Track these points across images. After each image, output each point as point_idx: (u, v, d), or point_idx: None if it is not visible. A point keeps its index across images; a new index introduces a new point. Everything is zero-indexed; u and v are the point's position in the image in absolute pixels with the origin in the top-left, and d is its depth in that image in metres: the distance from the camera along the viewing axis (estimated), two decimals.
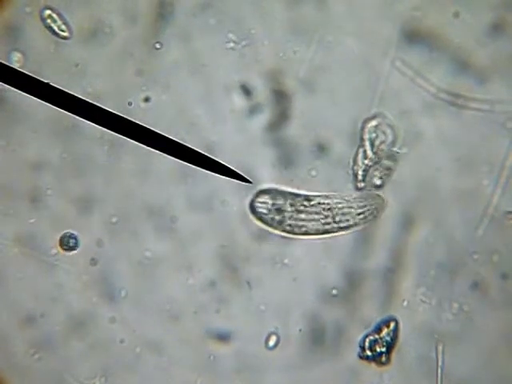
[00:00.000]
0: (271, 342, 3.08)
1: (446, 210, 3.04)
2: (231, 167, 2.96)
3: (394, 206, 3.04)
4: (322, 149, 3.04)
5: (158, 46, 3.00)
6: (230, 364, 3.08)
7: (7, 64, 2.93)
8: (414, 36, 3.00)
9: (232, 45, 3.02)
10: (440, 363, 3.03)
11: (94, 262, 3.05)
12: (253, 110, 3.04)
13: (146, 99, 3.02)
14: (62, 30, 2.98)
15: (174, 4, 3.01)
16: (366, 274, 3.06)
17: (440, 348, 3.03)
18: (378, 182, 3.03)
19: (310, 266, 3.07)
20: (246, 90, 3.03)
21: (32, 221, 3.04)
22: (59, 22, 2.96)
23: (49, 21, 2.96)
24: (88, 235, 3.05)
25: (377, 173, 3.02)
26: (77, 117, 2.91)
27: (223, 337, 3.07)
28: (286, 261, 3.06)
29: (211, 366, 3.08)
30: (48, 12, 2.97)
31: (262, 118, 3.04)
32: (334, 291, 3.06)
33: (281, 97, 3.03)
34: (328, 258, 3.07)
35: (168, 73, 3.02)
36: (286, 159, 3.04)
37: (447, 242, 3.04)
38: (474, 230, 3.03)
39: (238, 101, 3.04)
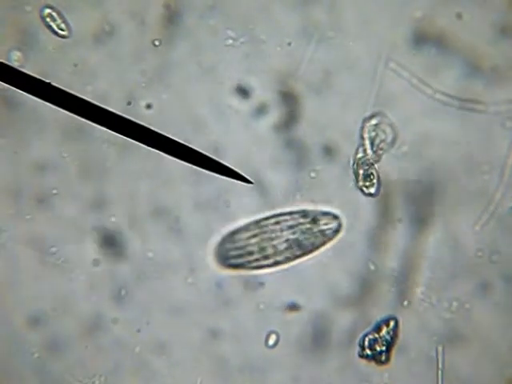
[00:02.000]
0: (271, 341, 3.08)
1: (448, 209, 3.05)
2: (233, 168, 2.96)
3: (397, 206, 3.05)
4: (325, 149, 3.04)
5: (157, 42, 2.99)
6: (232, 363, 3.09)
7: (8, 64, 2.91)
8: (417, 38, 3.00)
9: (231, 41, 3.00)
10: (440, 365, 3.05)
11: (96, 262, 3.05)
12: (253, 108, 3.04)
13: (148, 100, 3.01)
14: (62, 29, 2.96)
15: (174, 3, 3.00)
16: (369, 274, 3.07)
17: (440, 349, 3.05)
18: (372, 191, 3.04)
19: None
20: (243, 91, 3.02)
21: (28, 217, 3.03)
22: (59, 21, 2.94)
23: (48, 19, 2.94)
24: (91, 236, 3.05)
25: (365, 184, 3.03)
26: (80, 117, 2.90)
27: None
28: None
29: (212, 364, 3.09)
30: (48, 11, 2.95)
31: (264, 117, 3.04)
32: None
33: (284, 96, 3.03)
34: (333, 258, 3.08)
35: (169, 71, 3.01)
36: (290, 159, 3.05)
37: (450, 241, 3.05)
38: (477, 229, 3.03)
39: (238, 100, 3.03)
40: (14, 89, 2.87)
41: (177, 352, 3.09)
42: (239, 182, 2.98)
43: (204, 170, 2.96)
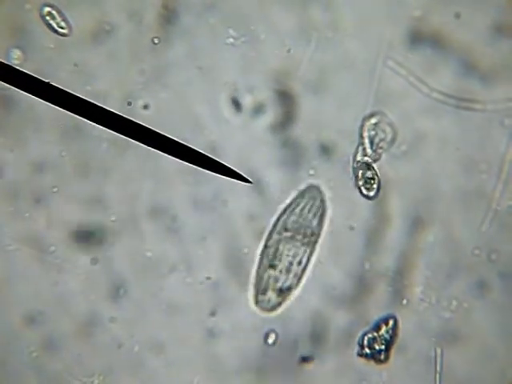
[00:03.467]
0: (270, 340, 3.08)
1: (447, 208, 3.05)
2: (231, 167, 2.96)
3: (396, 206, 3.05)
4: (322, 148, 3.04)
5: (156, 40, 2.99)
6: (229, 362, 3.09)
7: (7, 63, 2.91)
8: (415, 37, 3.01)
9: (232, 40, 3.01)
10: (438, 368, 3.05)
11: (94, 261, 3.04)
12: (251, 108, 3.04)
13: (146, 100, 3.01)
14: (62, 28, 2.95)
15: (175, 2, 3.00)
16: (367, 273, 3.07)
17: (439, 351, 3.05)
18: (371, 194, 3.05)
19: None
20: (236, 103, 3.02)
21: (27, 215, 3.02)
22: (58, 19, 2.94)
23: (48, 18, 2.94)
24: (90, 235, 3.04)
25: (365, 185, 3.03)
26: (78, 117, 2.90)
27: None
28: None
29: (210, 364, 3.09)
30: (48, 9, 2.94)
31: (263, 116, 3.04)
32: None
33: (281, 96, 3.03)
34: (332, 257, 3.08)
35: (168, 71, 3.01)
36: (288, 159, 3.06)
37: (449, 240, 3.05)
38: (477, 228, 3.04)
39: (235, 101, 3.04)
40: (13, 88, 2.87)
41: (174, 351, 3.09)
42: (238, 182, 2.98)
43: (202, 170, 2.96)
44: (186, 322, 3.07)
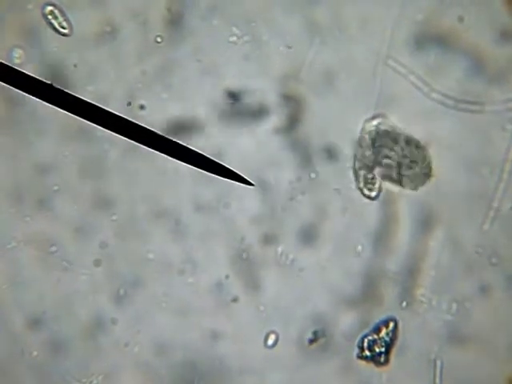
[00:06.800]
0: (270, 341, 3.08)
1: (449, 210, 3.06)
2: (233, 169, 2.96)
3: (398, 208, 3.06)
4: (324, 151, 3.05)
5: (159, 39, 2.97)
6: (230, 363, 3.09)
7: (9, 65, 2.89)
8: (419, 41, 3.01)
9: (234, 39, 3.00)
10: (437, 382, 3.07)
11: (97, 263, 3.03)
12: (254, 110, 3.04)
13: (148, 103, 3.00)
14: (63, 27, 2.94)
15: (179, 4, 2.99)
16: (367, 274, 3.08)
17: (438, 363, 3.07)
18: (373, 194, 3.05)
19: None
20: (232, 95, 3.02)
21: (28, 218, 3.01)
22: (60, 19, 2.93)
23: (50, 17, 2.93)
24: (92, 236, 3.03)
25: (367, 186, 3.04)
26: (80, 118, 2.89)
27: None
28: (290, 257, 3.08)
29: (210, 365, 3.09)
30: (50, 8, 2.93)
31: (266, 119, 3.04)
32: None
33: (284, 97, 3.03)
34: (332, 258, 3.09)
35: (171, 71, 3.00)
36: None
37: (450, 242, 3.06)
38: (479, 230, 3.05)
39: (237, 102, 3.03)
40: (14, 89, 2.86)
41: (175, 352, 3.08)
42: (240, 184, 2.98)
43: (205, 172, 2.95)
44: (188, 323, 3.07)
